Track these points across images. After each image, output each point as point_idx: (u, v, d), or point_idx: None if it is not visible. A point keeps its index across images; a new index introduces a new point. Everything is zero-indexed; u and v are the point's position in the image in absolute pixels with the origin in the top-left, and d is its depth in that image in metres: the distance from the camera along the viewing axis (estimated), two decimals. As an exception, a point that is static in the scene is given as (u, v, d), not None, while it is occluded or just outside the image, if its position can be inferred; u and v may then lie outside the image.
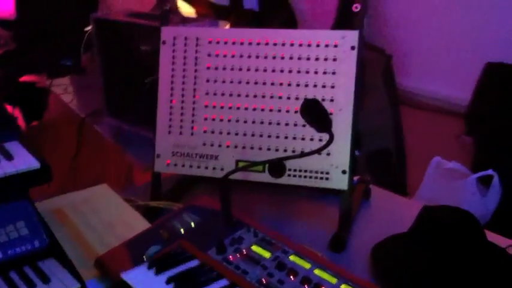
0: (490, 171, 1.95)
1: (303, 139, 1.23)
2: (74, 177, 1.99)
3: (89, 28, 2.64)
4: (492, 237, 1.15)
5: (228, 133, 1.28)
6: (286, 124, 1.24)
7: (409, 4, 5.04)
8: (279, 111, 1.24)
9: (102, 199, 1.36)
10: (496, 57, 4.40)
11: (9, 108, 4.50)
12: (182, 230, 1.14)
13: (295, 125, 1.23)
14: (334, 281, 0.93)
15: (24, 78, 4.51)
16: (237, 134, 1.27)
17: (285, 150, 1.24)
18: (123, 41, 1.84)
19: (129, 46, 1.82)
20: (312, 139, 1.22)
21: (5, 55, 4.45)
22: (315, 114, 1.03)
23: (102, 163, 2.02)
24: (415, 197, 2.03)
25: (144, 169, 1.64)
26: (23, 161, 1.10)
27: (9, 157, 1.10)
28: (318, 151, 1.07)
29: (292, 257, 0.99)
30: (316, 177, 1.22)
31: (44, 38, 4.32)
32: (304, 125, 1.22)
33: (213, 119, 1.29)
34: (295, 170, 1.23)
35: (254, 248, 1.03)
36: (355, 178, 1.40)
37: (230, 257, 1.01)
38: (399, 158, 2.47)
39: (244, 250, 1.03)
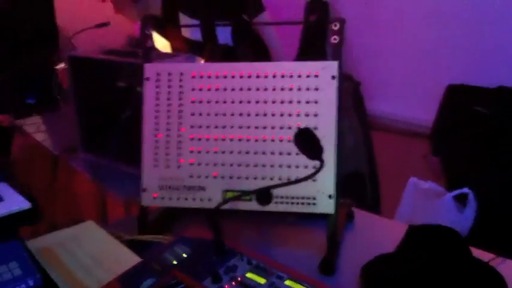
0: (465, 190, 2.02)
1: (288, 167, 1.26)
2: (52, 211, 1.98)
3: (60, 66, 2.66)
4: (474, 251, 1.20)
5: (215, 164, 1.31)
6: (272, 153, 1.27)
7: (370, 33, 5.20)
8: (264, 140, 1.28)
9: (90, 235, 1.36)
10: (457, 79, 4.55)
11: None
12: (175, 261, 1.15)
13: (281, 153, 1.27)
14: (331, 303, 0.96)
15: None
16: (223, 165, 1.30)
17: (271, 179, 1.27)
18: (99, 78, 1.86)
19: (104, 83, 1.84)
20: (297, 166, 1.26)
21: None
22: (308, 142, 1.07)
23: (79, 198, 2.02)
24: (395, 217, 2.08)
25: (125, 202, 1.65)
26: (14, 201, 1.11)
27: (-1, 198, 1.11)
28: (309, 178, 1.10)
29: (287, 282, 1.02)
30: (303, 203, 1.25)
31: (7, 77, 4.29)
32: (289, 153, 1.26)
33: (199, 151, 1.32)
34: (282, 197, 1.26)
35: (249, 275, 1.06)
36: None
37: (226, 286, 1.03)
38: (372, 180, 2.52)
39: (239, 278, 1.05)
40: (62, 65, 2.58)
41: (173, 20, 2.75)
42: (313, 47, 1.42)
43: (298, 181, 1.12)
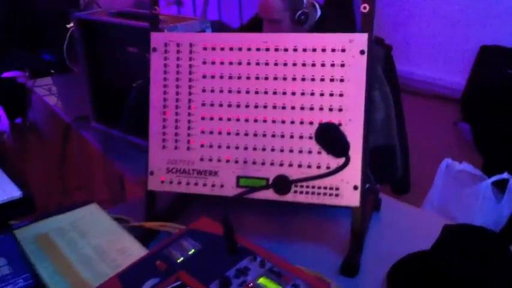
0: (505, 175, 1.85)
1: (309, 152, 1.13)
2: (61, 188, 1.88)
3: (71, 25, 2.51)
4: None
5: (228, 147, 1.18)
6: (291, 136, 1.13)
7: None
8: (283, 122, 1.14)
9: (92, 221, 1.25)
10: (491, 40, 4.32)
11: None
12: (181, 259, 1.03)
13: (301, 137, 1.13)
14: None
15: (4, 75, 4.37)
16: (237, 148, 1.17)
17: (290, 165, 1.14)
18: (108, 43, 1.73)
19: (115, 47, 1.70)
20: (319, 152, 1.12)
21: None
22: (332, 138, 0.93)
23: (89, 173, 1.91)
24: (424, 203, 1.94)
25: (135, 182, 1.53)
26: (4, 190, 1.00)
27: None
28: (330, 174, 0.96)
29: (305, 292, 0.90)
30: (325, 194, 1.12)
31: (24, 33, 4.17)
32: (310, 137, 1.12)
33: (211, 132, 1.18)
34: (301, 186, 1.13)
35: (262, 280, 0.93)
36: (366, 186, 1.31)
37: (236, 292, 0.92)
38: (403, 152, 2.37)
39: (250, 284, 0.93)
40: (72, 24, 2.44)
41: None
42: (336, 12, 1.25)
43: (318, 177, 0.98)
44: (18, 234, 1.17)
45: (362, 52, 1.08)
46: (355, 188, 1.10)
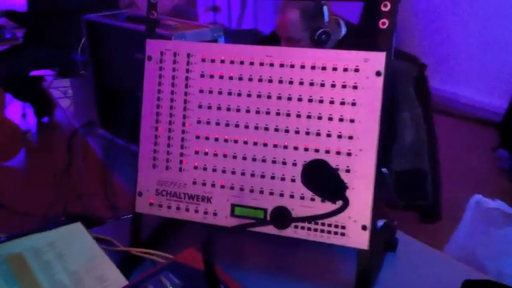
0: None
1: (313, 183, 0.99)
2: (60, 196, 1.79)
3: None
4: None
5: (223, 171, 1.05)
6: (294, 164, 1.00)
7: (440, 9, 4.75)
8: (285, 147, 1.00)
9: (73, 243, 1.14)
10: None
11: (19, 104, 4.32)
12: (157, 298, 0.91)
13: (305, 165, 0.99)
14: None
15: (33, 73, 4.35)
16: (233, 173, 1.04)
17: (292, 196, 1.01)
18: (116, 47, 1.63)
19: (123, 53, 1.60)
20: (324, 184, 0.98)
21: (13, 49, 4.29)
22: (321, 181, 0.80)
23: (89, 183, 1.81)
24: (450, 242, 1.77)
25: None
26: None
27: None
28: (329, 216, 0.83)
29: None
30: (329, 232, 0.98)
31: (57, 32, 4.14)
32: (315, 167, 0.98)
33: (206, 153, 1.06)
34: (303, 221, 1.00)
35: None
36: (380, 221, 1.17)
37: None
38: (434, 178, 2.21)
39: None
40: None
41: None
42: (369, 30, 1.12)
43: (318, 217, 0.85)
44: (-11, 253, 1.07)
45: (378, 73, 0.94)
46: (364, 228, 0.96)
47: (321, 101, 0.97)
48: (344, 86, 0.96)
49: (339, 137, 0.96)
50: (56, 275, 1.05)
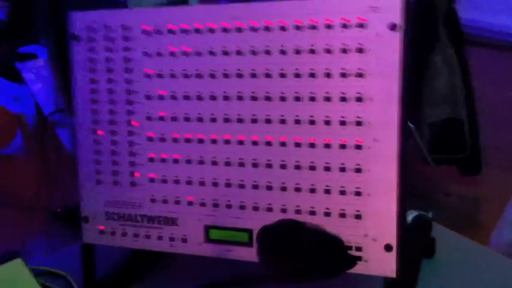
0: None
1: (312, 191, 0.71)
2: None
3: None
4: None
5: (189, 182, 0.77)
6: (283, 166, 0.71)
7: None
8: (269, 144, 0.72)
9: (8, 285, 0.87)
10: None
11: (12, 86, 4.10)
12: None
13: (298, 167, 0.71)
14: None
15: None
16: (202, 184, 0.76)
17: (283, 210, 0.72)
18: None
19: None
20: (327, 190, 0.70)
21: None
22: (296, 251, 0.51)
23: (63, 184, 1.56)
24: (493, 238, 1.48)
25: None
26: None
27: None
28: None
29: None
30: (339, 256, 0.70)
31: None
32: (312, 167, 0.70)
33: (163, 160, 0.78)
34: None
35: None
36: (409, 215, 0.89)
37: None
38: (472, 127, 1.97)
39: None
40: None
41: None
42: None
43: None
44: None
45: (393, 27, 0.64)
46: (388, 248, 0.67)
47: (312, 75, 0.68)
48: (344, 50, 0.66)
49: (342, 123, 0.67)
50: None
